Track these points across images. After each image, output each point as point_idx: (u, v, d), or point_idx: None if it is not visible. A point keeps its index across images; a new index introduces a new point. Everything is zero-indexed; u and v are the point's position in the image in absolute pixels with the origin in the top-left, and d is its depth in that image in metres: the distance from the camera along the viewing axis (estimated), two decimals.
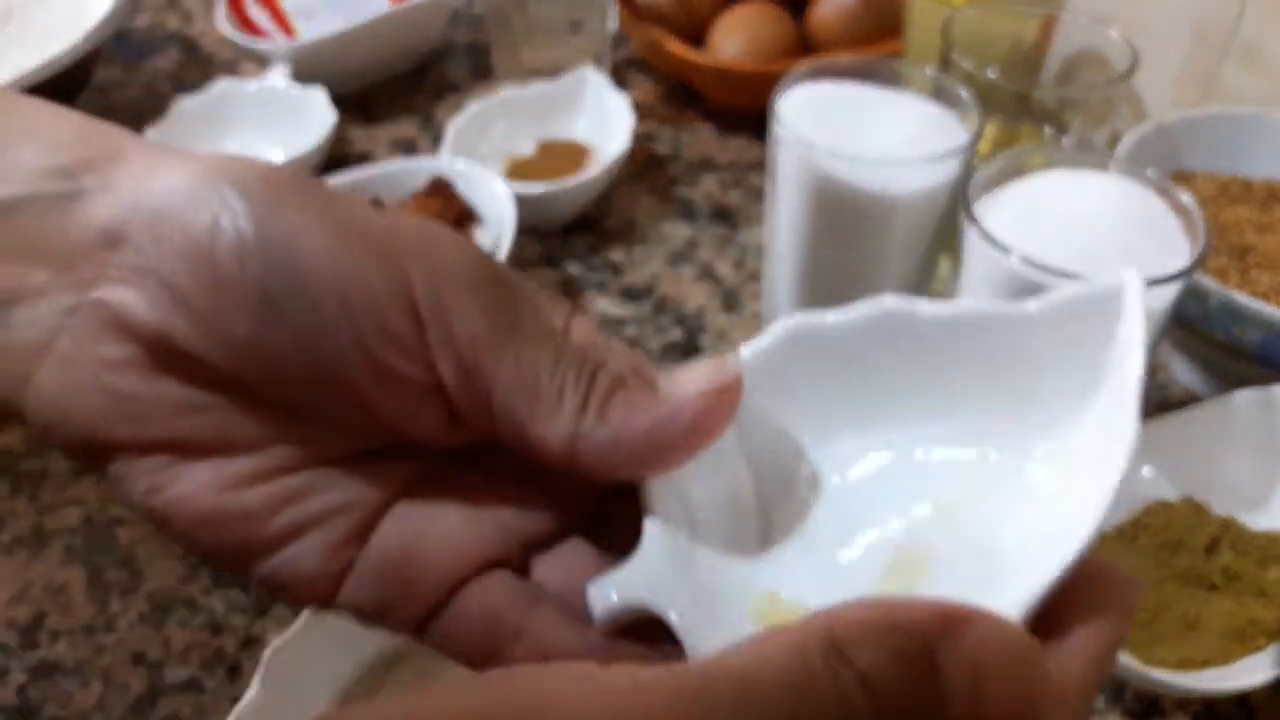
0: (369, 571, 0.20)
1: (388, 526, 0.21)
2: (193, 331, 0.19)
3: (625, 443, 0.19)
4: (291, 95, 0.65)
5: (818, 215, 0.44)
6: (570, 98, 0.65)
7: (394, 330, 0.19)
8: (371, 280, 0.19)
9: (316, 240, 0.19)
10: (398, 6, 0.70)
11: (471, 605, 0.20)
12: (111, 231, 0.19)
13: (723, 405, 0.20)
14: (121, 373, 0.19)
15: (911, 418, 0.22)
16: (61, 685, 0.40)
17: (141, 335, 0.19)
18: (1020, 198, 0.41)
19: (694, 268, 0.58)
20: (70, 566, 0.44)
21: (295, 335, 0.19)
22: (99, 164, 0.20)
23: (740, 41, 0.64)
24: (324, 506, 0.20)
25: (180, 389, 0.20)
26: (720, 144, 0.67)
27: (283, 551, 0.20)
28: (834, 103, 0.45)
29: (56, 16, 0.65)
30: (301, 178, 0.20)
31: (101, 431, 0.20)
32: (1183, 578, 0.39)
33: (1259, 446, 0.42)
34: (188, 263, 0.19)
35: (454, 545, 0.21)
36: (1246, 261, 0.46)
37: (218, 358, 0.19)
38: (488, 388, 0.19)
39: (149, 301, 0.19)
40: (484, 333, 0.19)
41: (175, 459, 0.20)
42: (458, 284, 0.20)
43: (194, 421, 0.20)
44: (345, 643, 0.35)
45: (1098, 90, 0.47)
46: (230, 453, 0.20)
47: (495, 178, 0.56)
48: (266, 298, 0.19)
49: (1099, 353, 0.20)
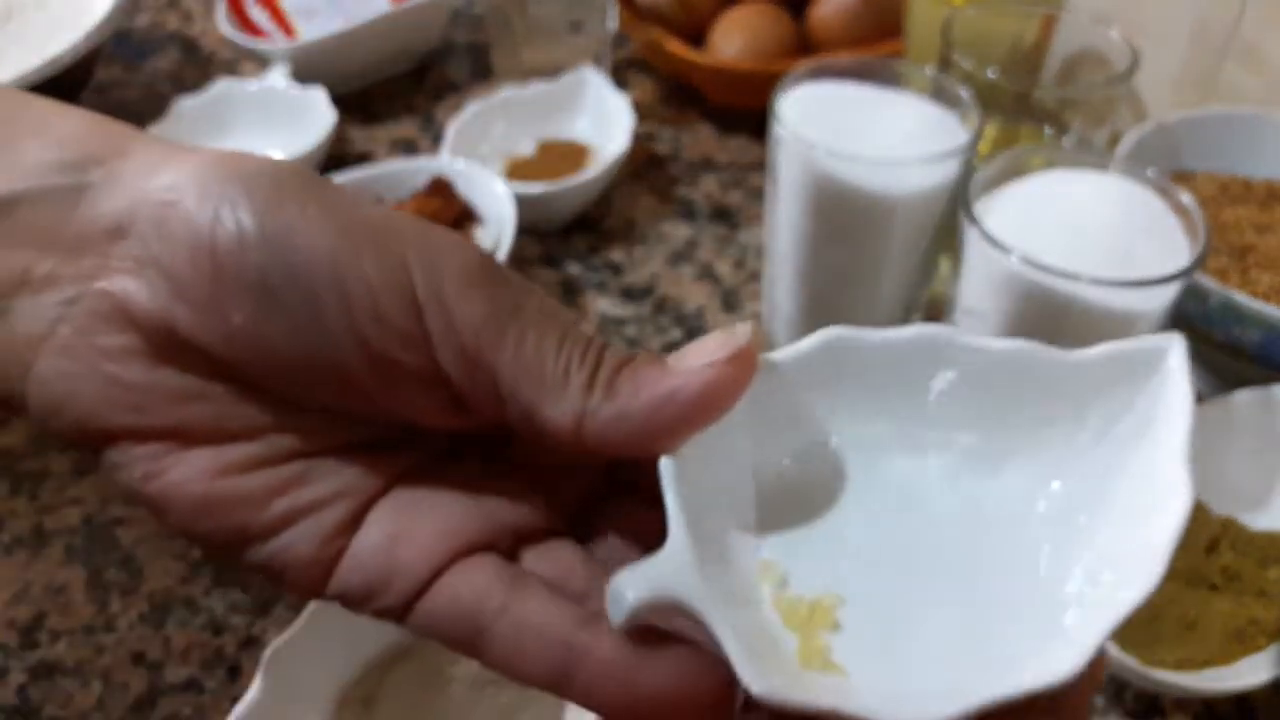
0: (358, 557, 0.21)
1: (379, 513, 0.21)
2: (193, 319, 0.19)
3: (632, 417, 0.19)
4: (291, 95, 0.65)
5: (818, 215, 0.44)
6: (570, 98, 0.65)
7: (391, 319, 0.19)
8: (368, 270, 0.19)
9: (315, 232, 0.19)
10: (398, 6, 0.70)
11: (458, 585, 0.20)
12: (116, 224, 0.20)
13: (733, 375, 0.19)
14: (121, 361, 0.20)
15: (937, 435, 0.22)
16: (61, 685, 0.40)
17: (143, 324, 0.20)
18: (1020, 198, 0.41)
19: (694, 268, 0.58)
20: (70, 566, 0.44)
21: (293, 324, 0.19)
22: (105, 159, 0.20)
23: (740, 41, 0.64)
24: (319, 494, 0.21)
25: (179, 377, 0.20)
26: (720, 144, 0.67)
27: (277, 538, 0.20)
28: (834, 103, 0.45)
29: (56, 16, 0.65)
30: (304, 172, 0.20)
31: (100, 418, 0.20)
32: (1183, 578, 0.39)
33: (1259, 446, 0.42)
34: (189, 252, 0.19)
35: (443, 529, 0.21)
36: (1246, 261, 0.46)
37: (217, 346, 0.19)
38: (492, 373, 0.19)
39: (151, 291, 0.19)
40: (485, 318, 0.19)
41: (172, 446, 0.20)
42: (457, 275, 0.20)
43: (192, 409, 0.20)
44: (345, 642, 0.35)
45: (1098, 90, 0.47)
46: (227, 440, 0.20)
47: (495, 178, 0.56)
48: (265, 287, 0.19)
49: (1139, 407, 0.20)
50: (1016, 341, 0.21)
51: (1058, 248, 0.37)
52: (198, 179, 0.19)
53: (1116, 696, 0.39)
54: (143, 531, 0.45)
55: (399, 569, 0.20)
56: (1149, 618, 0.38)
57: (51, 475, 0.48)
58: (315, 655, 0.34)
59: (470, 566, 0.21)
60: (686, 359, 0.20)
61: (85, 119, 0.21)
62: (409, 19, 0.70)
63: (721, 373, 0.19)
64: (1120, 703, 0.39)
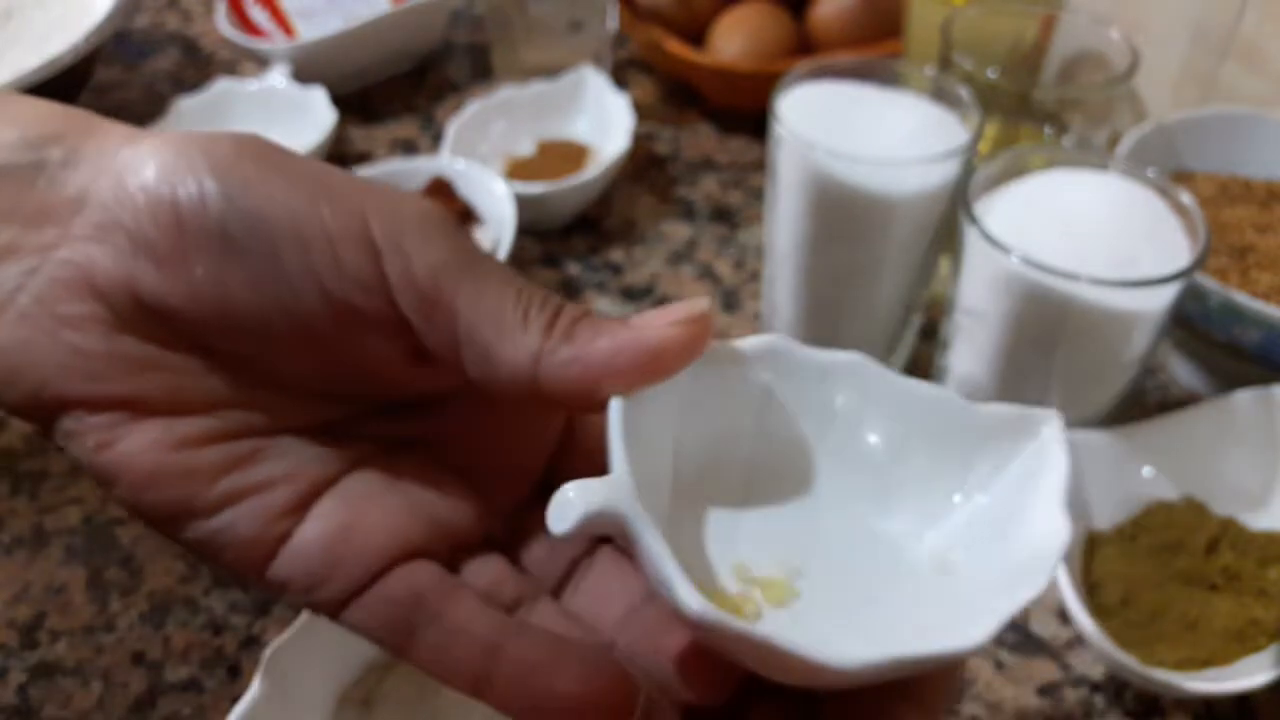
0: (303, 546, 0.21)
1: (328, 503, 0.21)
2: (156, 276, 0.20)
3: (588, 360, 0.20)
4: (291, 95, 0.65)
5: (818, 215, 0.44)
6: (570, 98, 0.65)
7: (349, 266, 0.20)
8: (326, 219, 0.20)
9: (274, 186, 0.20)
10: (398, 7, 0.70)
11: (397, 587, 0.21)
12: (77, 196, 0.20)
13: (689, 336, 0.20)
14: (80, 329, 0.20)
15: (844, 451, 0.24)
16: (61, 685, 0.40)
17: (105, 291, 0.20)
18: (1020, 198, 0.41)
19: (694, 268, 0.58)
20: (70, 566, 0.44)
21: (254, 274, 0.20)
22: (66, 138, 0.21)
23: (740, 41, 0.64)
24: (267, 475, 0.21)
25: (138, 346, 0.20)
26: (720, 144, 0.67)
27: (220, 515, 0.20)
28: (834, 103, 0.45)
29: (56, 16, 0.65)
30: (264, 139, 0.21)
31: (56, 386, 0.20)
32: (1183, 578, 0.39)
33: (1259, 446, 0.42)
34: (149, 210, 0.20)
35: (389, 529, 0.21)
36: (1246, 261, 0.46)
37: (180, 302, 0.20)
38: (451, 315, 0.20)
39: (114, 253, 0.20)
40: (445, 264, 0.20)
41: (126, 416, 0.20)
42: (416, 224, 0.20)
43: (149, 379, 0.20)
44: (345, 642, 0.35)
45: (1098, 90, 0.47)
46: (182, 413, 0.20)
47: (495, 178, 0.56)
48: (225, 237, 0.19)
49: (1022, 459, 0.22)
50: (926, 385, 0.23)
51: (1058, 248, 0.37)
52: (156, 150, 0.20)
53: (1116, 696, 0.39)
54: (143, 531, 0.45)
55: (342, 565, 0.21)
56: (1149, 618, 0.38)
57: (51, 475, 0.48)
58: (315, 655, 0.34)
59: (410, 571, 0.21)
60: (646, 316, 0.20)
61: (48, 105, 0.21)
62: (409, 19, 0.70)
63: (679, 331, 0.20)
64: (1120, 703, 0.39)
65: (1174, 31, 0.57)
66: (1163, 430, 0.43)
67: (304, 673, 0.34)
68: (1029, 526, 0.21)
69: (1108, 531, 0.41)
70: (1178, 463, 0.43)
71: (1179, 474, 0.42)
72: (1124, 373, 0.41)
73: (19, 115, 0.21)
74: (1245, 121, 0.53)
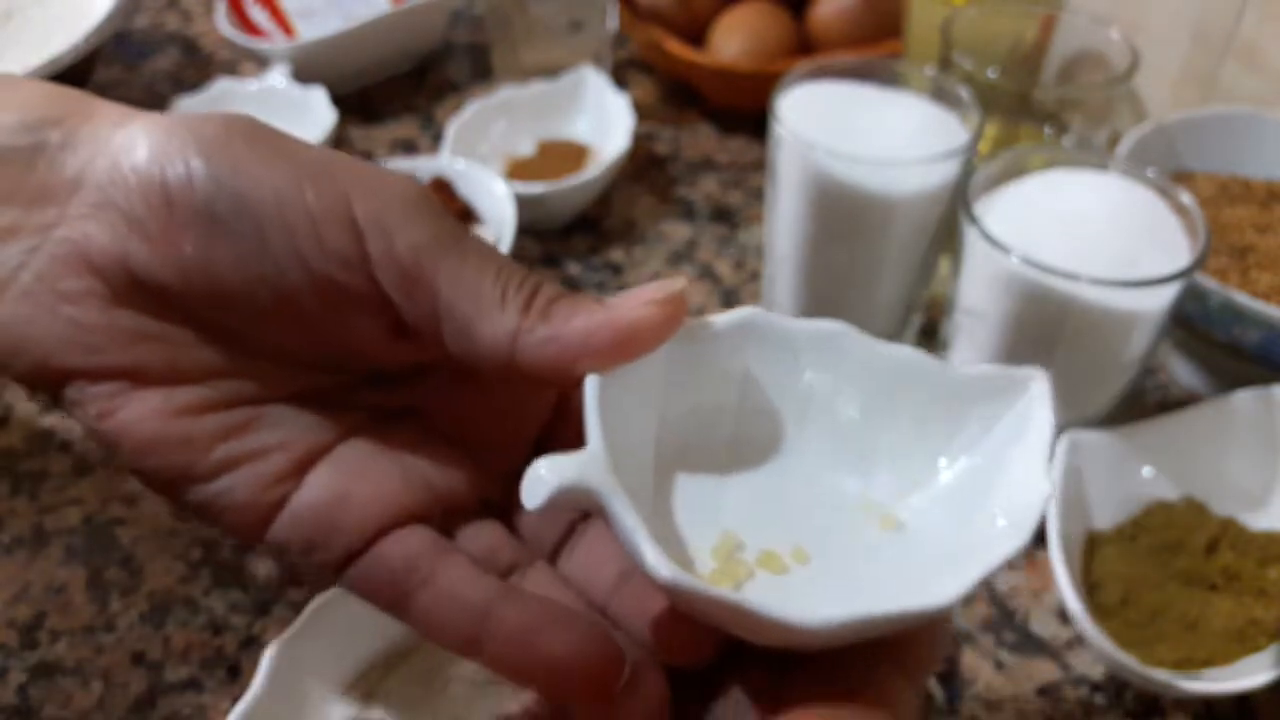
0: (300, 510, 0.21)
1: (324, 469, 0.22)
2: (148, 254, 0.20)
3: (564, 339, 0.20)
4: (291, 95, 0.65)
5: (818, 215, 0.44)
6: (570, 98, 0.65)
7: (331, 244, 0.20)
8: (310, 199, 0.20)
9: (260, 167, 0.20)
10: (398, 7, 0.70)
11: (392, 551, 0.21)
12: (75, 177, 0.21)
13: (665, 315, 0.21)
14: (80, 304, 0.21)
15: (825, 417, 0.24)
16: (61, 685, 0.40)
17: (101, 267, 0.21)
18: (1020, 198, 0.41)
19: (694, 268, 0.58)
20: (70, 566, 0.44)
21: (240, 252, 0.20)
22: (64, 120, 0.21)
23: (740, 41, 0.64)
24: (264, 442, 0.22)
25: (134, 319, 0.21)
26: (720, 144, 0.67)
27: (218, 480, 0.21)
28: (834, 103, 0.45)
29: (56, 16, 0.65)
30: (253, 120, 0.22)
31: (58, 359, 0.21)
32: (1183, 578, 0.39)
33: (1259, 446, 0.42)
34: (141, 191, 0.20)
35: (383, 495, 0.22)
36: (1246, 261, 0.46)
37: (170, 279, 0.20)
38: (432, 292, 0.20)
39: (109, 231, 0.20)
40: (426, 242, 0.20)
41: (126, 385, 0.21)
42: (398, 203, 0.21)
43: (146, 350, 0.21)
44: (345, 642, 0.35)
45: (1098, 90, 0.47)
46: (180, 382, 0.21)
47: (495, 178, 0.56)
48: (212, 217, 0.20)
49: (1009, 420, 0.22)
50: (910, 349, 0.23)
51: (1058, 248, 0.37)
52: (149, 130, 0.21)
53: (1116, 696, 0.39)
54: (143, 531, 0.45)
55: (338, 529, 0.21)
56: (1149, 618, 0.38)
57: (51, 475, 0.48)
58: (315, 655, 0.34)
59: (405, 535, 0.22)
60: (621, 298, 0.21)
61: (47, 88, 0.22)
62: (409, 19, 0.70)
63: (655, 311, 0.21)
64: (1120, 703, 0.39)
65: (1174, 31, 0.57)
66: (1163, 430, 0.43)
67: (304, 673, 0.34)
68: (1011, 486, 0.21)
69: (1108, 531, 0.41)
70: (1178, 463, 0.43)
71: (1179, 474, 0.42)
72: (1124, 373, 0.41)
73: (19, 98, 0.22)
74: (1245, 121, 0.53)
